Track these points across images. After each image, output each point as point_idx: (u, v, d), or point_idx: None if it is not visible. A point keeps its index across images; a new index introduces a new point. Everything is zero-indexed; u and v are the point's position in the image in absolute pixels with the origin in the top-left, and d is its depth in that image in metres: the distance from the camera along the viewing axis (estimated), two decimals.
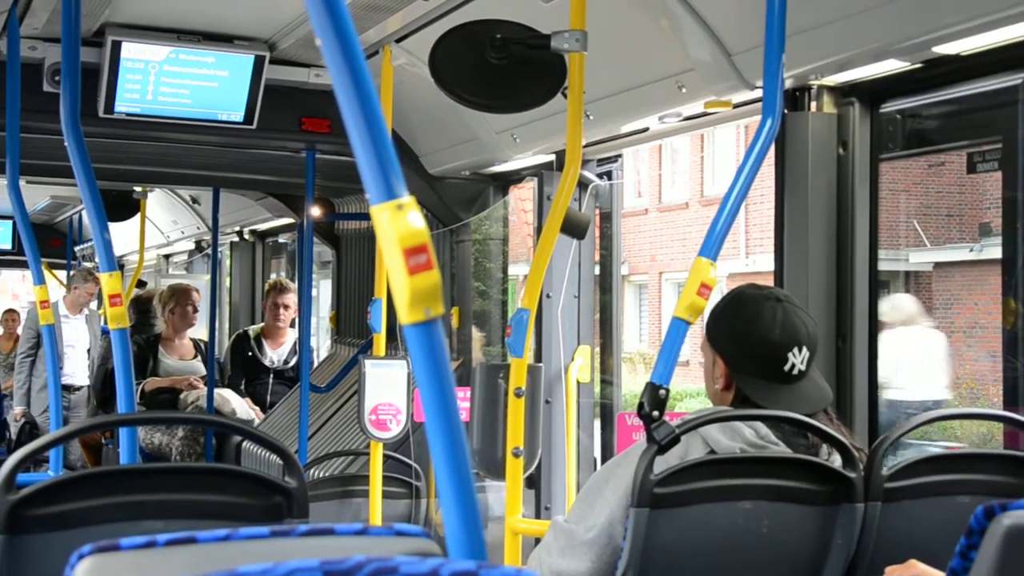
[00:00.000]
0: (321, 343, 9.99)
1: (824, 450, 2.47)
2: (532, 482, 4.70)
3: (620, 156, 4.72)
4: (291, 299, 7.16)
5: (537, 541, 2.70)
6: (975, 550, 1.90)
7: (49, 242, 10.65)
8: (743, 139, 18.94)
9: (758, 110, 2.60)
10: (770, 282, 3.34)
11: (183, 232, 9.92)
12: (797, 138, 3.40)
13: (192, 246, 10.48)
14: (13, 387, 9.13)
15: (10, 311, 11.16)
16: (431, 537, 1.34)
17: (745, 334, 2.49)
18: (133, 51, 4.54)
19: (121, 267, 9.09)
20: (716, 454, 2.39)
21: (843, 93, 3.39)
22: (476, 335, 5.57)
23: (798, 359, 2.46)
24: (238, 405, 6.73)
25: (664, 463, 2.30)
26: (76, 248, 11.06)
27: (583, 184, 4.66)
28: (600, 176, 4.78)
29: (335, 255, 7.14)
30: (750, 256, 20.61)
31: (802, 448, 2.45)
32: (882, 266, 3.48)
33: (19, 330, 10.27)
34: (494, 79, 3.29)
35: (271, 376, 7.15)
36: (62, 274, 11.24)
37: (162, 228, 10.19)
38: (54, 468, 3.99)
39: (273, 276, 9.03)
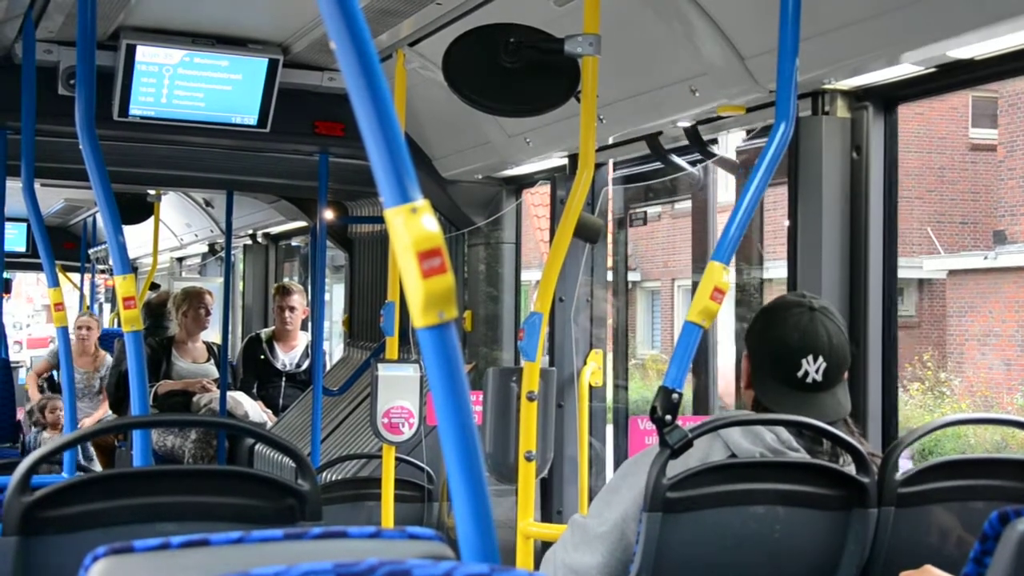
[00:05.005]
0: (334, 346, 10.00)
1: (843, 459, 2.46)
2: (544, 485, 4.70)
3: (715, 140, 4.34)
4: (296, 301, 7.17)
5: (548, 545, 2.70)
6: (989, 556, 1.89)
7: (63, 245, 10.69)
8: None
9: (771, 114, 2.60)
10: (783, 289, 3.34)
11: (196, 235, 9.95)
12: (811, 142, 3.39)
13: (205, 249, 10.51)
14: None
15: (86, 316, 9.03)
16: (444, 540, 1.34)
17: (766, 335, 2.52)
18: (147, 54, 4.56)
19: (135, 270, 9.10)
20: (737, 457, 2.39)
21: (857, 97, 3.38)
22: None
23: (812, 367, 2.46)
24: (251, 408, 6.74)
25: (684, 465, 2.30)
26: (90, 251, 11.10)
27: (595, 187, 4.65)
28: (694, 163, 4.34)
29: (348, 258, 7.15)
30: (763, 263, 20.55)
31: (821, 455, 2.45)
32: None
33: (95, 341, 8.78)
34: (507, 83, 3.29)
35: (283, 379, 7.16)
36: (76, 277, 11.28)
37: (176, 231, 10.22)
38: (68, 470, 4.00)
39: (285, 280, 9.04)
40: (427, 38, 4.29)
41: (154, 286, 9.06)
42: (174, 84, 4.64)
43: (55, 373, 9.29)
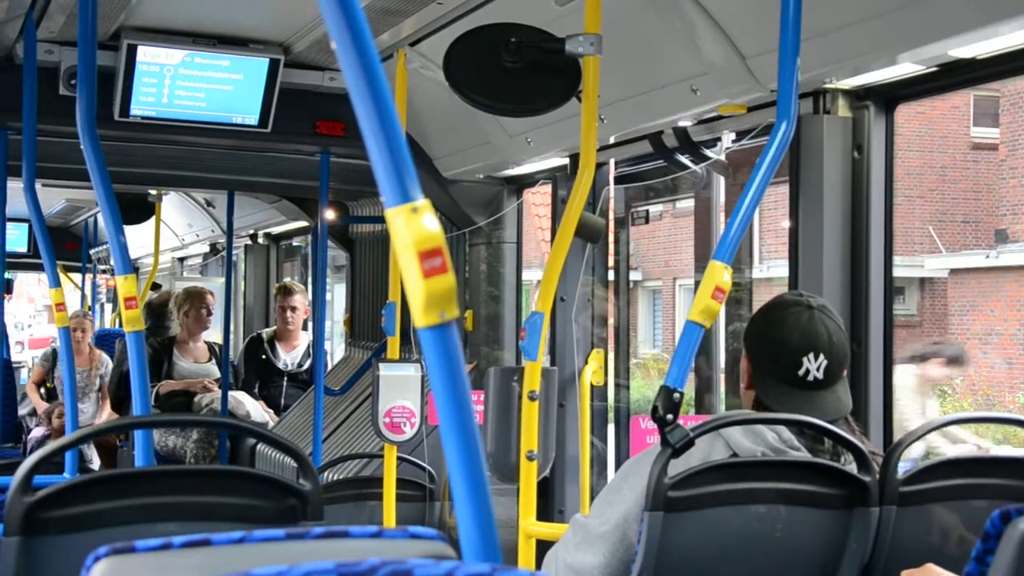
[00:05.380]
0: (335, 346, 10.00)
1: (845, 458, 2.46)
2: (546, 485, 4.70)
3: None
4: (298, 301, 7.17)
5: (549, 544, 2.70)
6: (991, 555, 1.89)
7: (65, 245, 10.69)
8: None
9: (772, 114, 2.60)
10: (784, 288, 3.34)
11: (198, 235, 9.95)
12: (812, 141, 3.39)
13: (207, 249, 10.51)
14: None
15: (79, 317, 8.54)
16: (445, 540, 1.34)
17: (766, 335, 2.51)
18: (148, 54, 4.56)
19: (136, 270, 9.10)
20: (738, 456, 2.39)
21: (858, 96, 3.38)
22: None
23: (813, 365, 2.46)
24: (252, 408, 6.74)
25: (685, 464, 2.30)
26: (91, 251, 11.10)
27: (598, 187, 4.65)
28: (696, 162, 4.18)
29: (349, 258, 7.15)
30: (764, 262, 20.57)
31: (823, 454, 2.45)
32: (898, 272, 3.47)
33: (91, 340, 8.50)
34: (508, 83, 3.29)
35: (285, 379, 7.16)
36: (77, 277, 11.28)
37: (177, 231, 10.22)
38: (70, 471, 4.00)
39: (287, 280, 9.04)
40: (428, 38, 4.29)
41: (155, 286, 9.06)
42: (175, 84, 4.64)
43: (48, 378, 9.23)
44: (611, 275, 5.11)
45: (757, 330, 2.56)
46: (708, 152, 4.09)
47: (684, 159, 4.18)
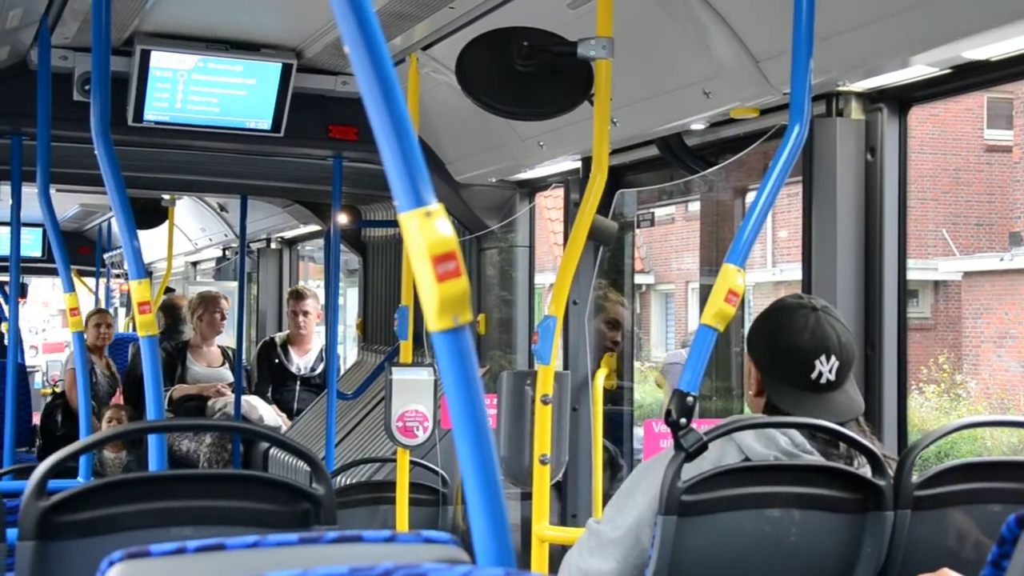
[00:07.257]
0: (348, 350, 10.01)
1: (858, 461, 2.45)
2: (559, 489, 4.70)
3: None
4: (310, 305, 7.19)
5: (564, 548, 2.70)
6: (1007, 559, 1.88)
7: (78, 250, 10.73)
8: None
9: (784, 116, 2.59)
10: (798, 291, 3.33)
11: (211, 239, 9.97)
12: (825, 144, 3.38)
13: (220, 253, 10.54)
14: None
15: (101, 312, 8.46)
16: (458, 544, 1.34)
17: (775, 340, 2.50)
18: (162, 60, 4.57)
19: (150, 274, 9.12)
20: (750, 461, 2.38)
21: (871, 99, 3.37)
22: None
23: (826, 367, 2.45)
24: (265, 412, 6.75)
25: (698, 469, 2.29)
26: (105, 255, 11.14)
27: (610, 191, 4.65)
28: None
29: (362, 262, 7.16)
30: (777, 265, 20.52)
31: (836, 457, 2.43)
32: (912, 275, 3.46)
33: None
34: (520, 86, 3.29)
35: (298, 383, 7.17)
36: (91, 281, 11.32)
37: (190, 236, 10.25)
38: (84, 475, 4.01)
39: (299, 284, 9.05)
40: (440, 42, 4.29)
41: (169, 290, 9.08)
42: (188, 89, 4.66)
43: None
44: (639, 279, 5.11)
45: (763, 335, 2.54)
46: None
47: (693, 163, 4.19)
